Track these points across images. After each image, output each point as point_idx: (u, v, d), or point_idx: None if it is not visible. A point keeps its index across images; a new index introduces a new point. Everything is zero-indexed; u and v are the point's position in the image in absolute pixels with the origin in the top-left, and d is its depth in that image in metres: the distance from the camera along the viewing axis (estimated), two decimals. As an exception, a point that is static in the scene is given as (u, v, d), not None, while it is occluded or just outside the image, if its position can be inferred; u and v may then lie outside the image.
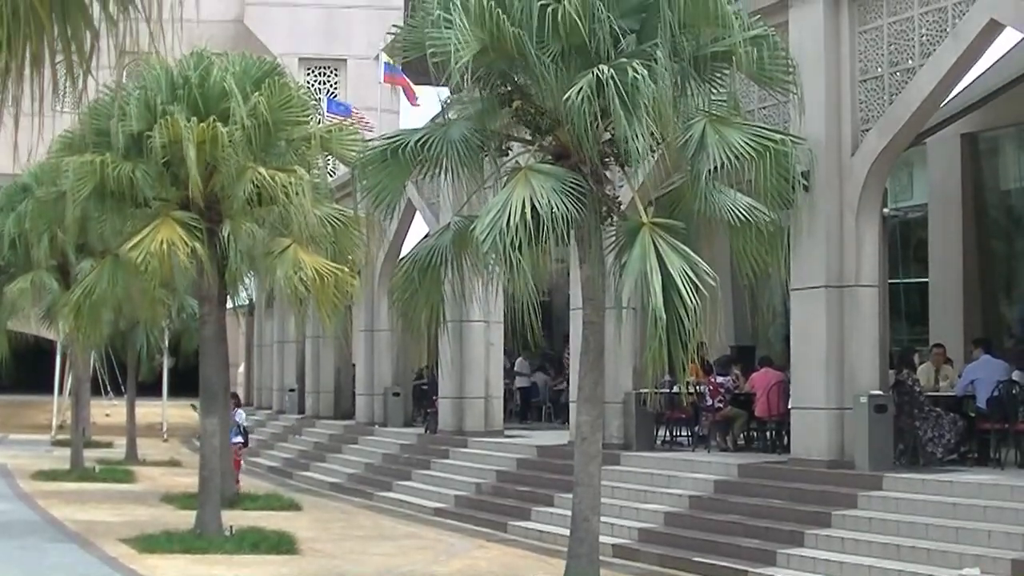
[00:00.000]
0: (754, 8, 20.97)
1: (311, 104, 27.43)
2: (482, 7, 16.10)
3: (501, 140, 17.92)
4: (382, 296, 39.56)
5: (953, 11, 20.87)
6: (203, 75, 25.16)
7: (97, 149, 24.89)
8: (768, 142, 17.21)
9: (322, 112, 36.25)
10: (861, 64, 22.32)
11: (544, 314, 18.57)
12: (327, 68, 68.67)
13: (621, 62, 15.88)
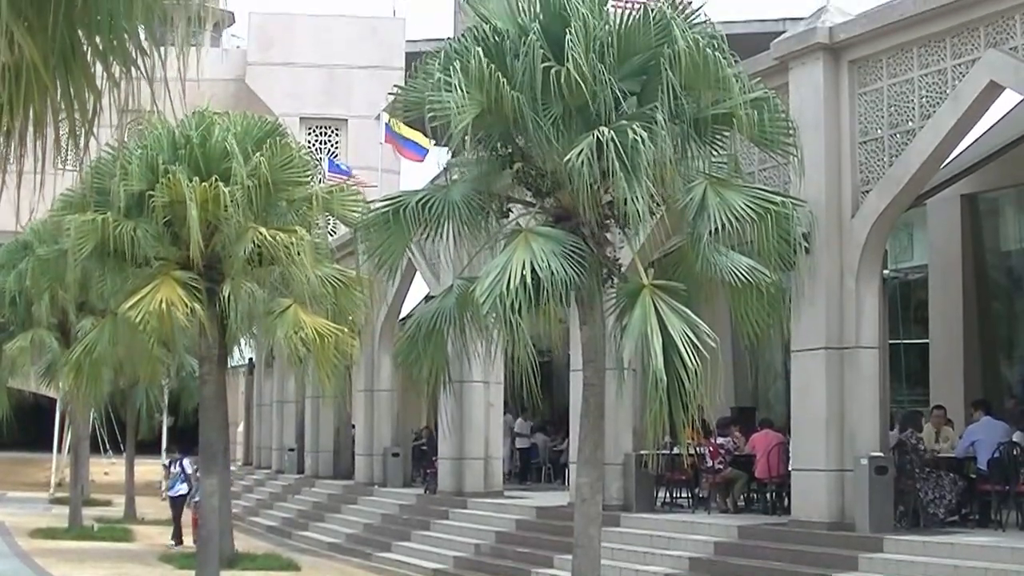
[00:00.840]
0: (754, 70, 21.06)
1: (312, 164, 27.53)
2: (482, 70, 16.19)
3: (502, 202, 17.97)
4: (382, 356, 39.54)
5: (952, 73, 20.94)
6: (205, 135, 25.26)
7: (98, 208, 24.94)
8: (769, 204, 17.26)
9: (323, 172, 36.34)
10: (861, 126, 22.37)
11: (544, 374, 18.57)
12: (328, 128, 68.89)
13: (621, 124, 15.94)
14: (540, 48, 16.44)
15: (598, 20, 16.83)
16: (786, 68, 23.09)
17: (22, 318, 38.97)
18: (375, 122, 49.82)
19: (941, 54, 21.17)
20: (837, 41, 22.41)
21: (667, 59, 16.27)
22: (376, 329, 39.00)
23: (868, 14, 22.77)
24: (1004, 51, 20.08)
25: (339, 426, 47.14)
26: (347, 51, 67.30)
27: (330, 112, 68.31)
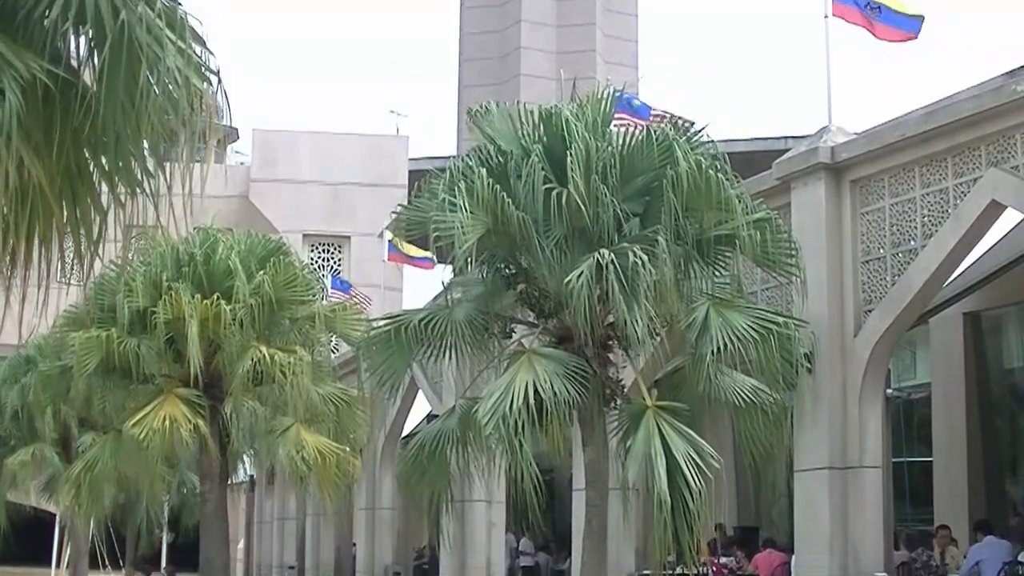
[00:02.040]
0: (757, 190, 21.15)
1: (315, 283, 27.59)
2: (486, 190, 16.29)
3: (505, 322, 18.02)
4: (384, 474, 39.38)
5: (954, 192, 21.03)
6: (208, 252, 25.33)
7: (102, 324, 24.97)
8: (771, 325, 17.29)
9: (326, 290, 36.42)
10: (863, 245, 22.42)
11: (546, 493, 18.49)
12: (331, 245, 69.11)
13: (622, 247, 16.02)
14: (542, 170, 16.57)
15: (600, 142, 16.96)
16: (788, 188, 23.19)
17: (24, 432, 38.87)
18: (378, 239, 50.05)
19: (943, 173, 21.27)
20: (839, 161, 22.51)
21: (670, 180, 16.37)
22: (378, 447, 38.87)
23: (869, 134, 22.91)
24: (1005, 170, 20.17)
25: (340, 544, 46.86)
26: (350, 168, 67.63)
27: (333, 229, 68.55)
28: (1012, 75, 22.96)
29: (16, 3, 9.28)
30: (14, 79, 8.86)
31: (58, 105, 9.29)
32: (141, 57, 9.01)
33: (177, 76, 9.21)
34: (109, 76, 9.18)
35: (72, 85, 9.33)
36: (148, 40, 9.09)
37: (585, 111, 17.55)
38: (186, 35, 9.52)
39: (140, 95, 9.04)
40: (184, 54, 9.37)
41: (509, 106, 18.19)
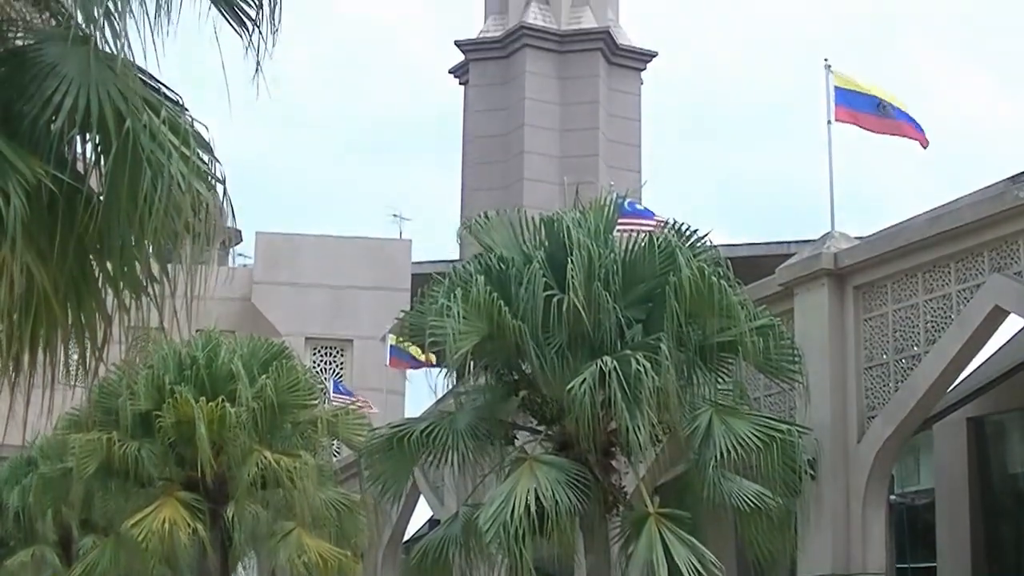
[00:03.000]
0: (760, 296, 21.17)
1: (318, 387, 27.60)
2: (484, 297, 16.33)
3: (507, 429, 17.99)
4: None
5: (958, 297, 21.05)
6: (211, 356, 25.35)
7: (103, 427, 24.94)
8: (775, 432, 17.27)
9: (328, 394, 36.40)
10: (866, 351, 22.41)
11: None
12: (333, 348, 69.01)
13: (625, 354, 16.05)
14: (543, 276, 16.63)
15: (603, 248, 17.02)
16: (791, 294, 23.20)
17: (24, 533, 38.65)
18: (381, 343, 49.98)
19: (946, 279, 21.30)
20: (842, 267, 22.53)
21: (672, 287, 16.41)
22: (379, 552, 38.59)
23: (872, 240, 22.97)
24: (1008, 276, 20.21)
25: (341, 649, 46.38)
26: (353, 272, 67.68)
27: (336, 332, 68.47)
28: (1014, 181, 23.06)
29: (22, 109, 9.35)
30: (19, 184, 8.91)
31: (63, 210, 9.33)
32: (146, 164, 9.07)
33: (181, 183, 9.26)
34: (114, 183, 9.23)
35: (77, 191, 9.37)
36: (153, 147, 9.14)
37: (588, 218, 17.66)
38: (191, 142, 9.57)
39: (144, 201, 9.07)
40: (189, 161, 9.42)
41: (510, 213, 18.28)
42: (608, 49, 49.95)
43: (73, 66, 9.21)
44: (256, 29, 9.74)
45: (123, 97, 9.10)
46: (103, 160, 9.34)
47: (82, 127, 9.33)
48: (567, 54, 50.16)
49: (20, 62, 9.58)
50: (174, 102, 9.77)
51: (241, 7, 9.85)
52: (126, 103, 9.09)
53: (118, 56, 9.10)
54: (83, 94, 9.07)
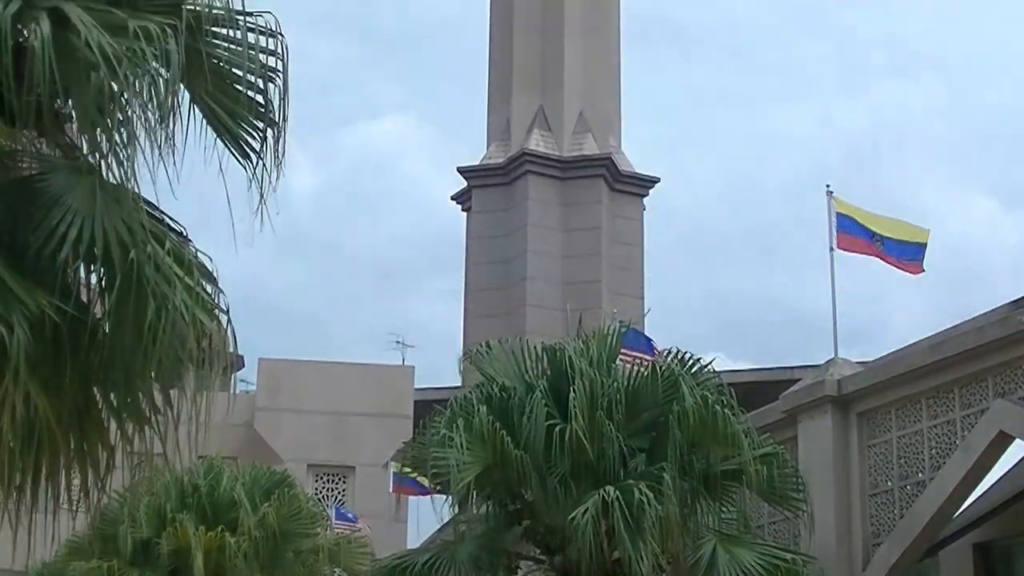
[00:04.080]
0: (763, 423, 21.13)
1: (320, 515, 27.51)
2: (486, 427, 16.33)
3: (510, 559, 17.88)
4: None
5: (962, 423, 20.98)
6: (213, 483, 25.29)
7: (103, 555, 24.79)
8: (779, 561, 17.19)
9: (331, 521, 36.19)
10: (871, 478, 22.30)
11: None
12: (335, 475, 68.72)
13: (628, 483, 16.03)
14: (546, 406, 16.65)
15: (606, 378, 17.05)
16: (795, 421, 23.12)
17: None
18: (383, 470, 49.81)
19: (949, 405, 21.25)
20: (845, 393, 22.48)
21: (675, 416, 16.43)
22: None
23: (875, 366, 22.95)
24: (1013, 401, 20.16)
25: None
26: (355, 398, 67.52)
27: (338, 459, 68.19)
28: (1017, 305, 23.08)
29: (27, 239, 9.38)
30: (23, 315, 8.91)
31: (66, 341, 9.34)
32: (150, 296, 9.08)
33: (186, 315, 9.28)
34: (118, 314, 9.25)
35: (81, 321, 9.38)
36: (158, 279, 9.17)
37: (591, 347, 17.70)
38: (195, 273, 9.61)
39: (149, 332, 9.08)
40: (193, 293, 9.46)
41: (512, 342, 18.33)
42: (610, 175, 50.19)
43: (79, 197, 9.26)
44: (260, 161, 9.81)
45: (128, 229, 9.14)
46: (108, 291, 9.36)
47: (87, 258, 9.37)
48: (569, 180, 50.41)
49: (26, 192, 9.63)
50: (178, 233, 9.82)
51: (246, 140, 9.93)
52: (131, 235, 9.13)
53: (124, 188, 9.15)
54: (88, 225, 9.11)
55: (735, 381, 18.47)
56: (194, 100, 9.66)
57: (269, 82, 9.85)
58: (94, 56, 8.78)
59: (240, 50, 9.68)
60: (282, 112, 9.82)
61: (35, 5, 9.12)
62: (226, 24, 9.70)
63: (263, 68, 9.80)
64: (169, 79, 9.13)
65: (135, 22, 8.97)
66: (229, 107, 9.84)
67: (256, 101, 9.90)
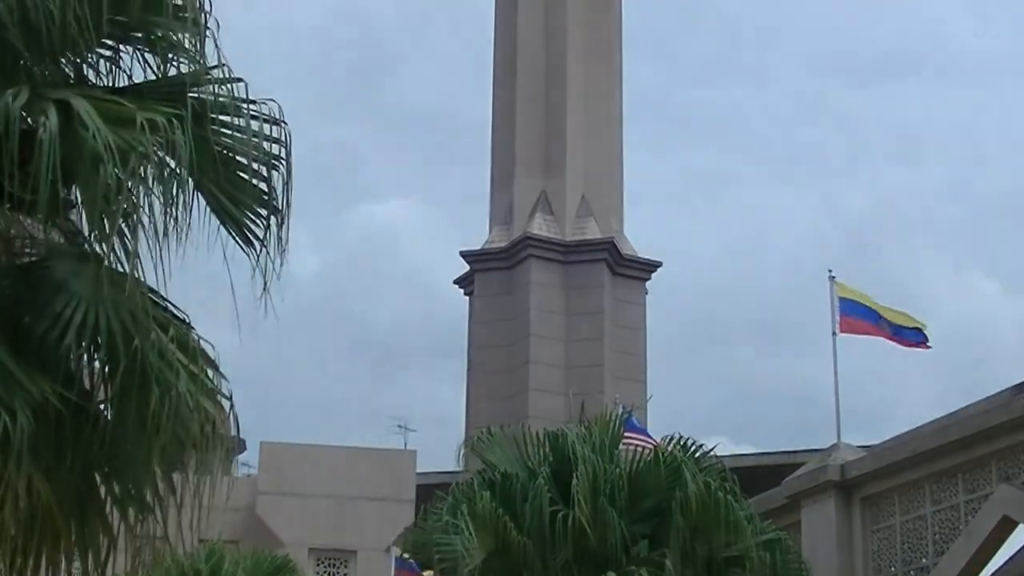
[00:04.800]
0: (766, 508, 21.10)
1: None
2: (489, 514, 16.31)
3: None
4: None
5: (965, 508, 20.94)
6: (215, 568, 25.23)
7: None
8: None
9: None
10: (875, 563, 22.24)
11: None
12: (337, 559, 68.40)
13: (630, 569, 16.03)
14: (548, 492, 16.65)
15: (608, 464, 17.06)
16: (798, 506, 23.07)
17: None
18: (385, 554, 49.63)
19: (953, 489, 21.21)
20: (849, 478, 22.45)
21: (678, 502, 16.44)
22: None
23: (878, 451, 22.95)
24: (1016, 486, 20.14)
25: None
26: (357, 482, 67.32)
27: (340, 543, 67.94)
28: (1020, 389, 23.09)
29: (31, 325, 9.41)
30: (25, 401, 8.93)
31: (69, 428, 9.35)
32: (154, 384, 9.10)
33: (189, 402, 9.29)
34: (121, 401, 9.27)
35: (84, 408, 9.40)
36: (161, 366, 9.19)
37: (593, 433, 17.71)
38: (199, 359, 9.64)
39: (152, 421, 9.09)
40: (197, 380, 9.48)
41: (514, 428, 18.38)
42: (613, 259, 50.25)
43: (83, 284, 9.30)
44: (264, 249, 9.86)
45: (132, 316, 9.17)
46: (111, 378, 9.38)
47: (90, 345, 9.40)
48: (572, 264, 50.48)
49: (29, 277, 9.68)
50: (181, 320, 9.85)
51: (249, 227, 9.99)
52: (135, 323, 9.16)
53: (128, 274, 9.19)
54: (92, 313, 9.14)
55: (738, 466, 18.47)
56: (199, 187, 9.72)
57: (273, 169, 9.93)
58: (101, 148, 8.85)
59: (244, 138, 9.77)
60: (285, 199, 9.89)
61: (43, 96, 9.20)
62: (230, 112, 9.78)
63: (267, 156, 9.89)
64: (175, 169, 9.21)
65: (142, 114, 9.04)
66: (233, 194, 9.91)
67: (260, 188, 9.98)
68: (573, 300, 49.92)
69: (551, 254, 50.35)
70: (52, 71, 10.03)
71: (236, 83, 9.84)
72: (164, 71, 10.14)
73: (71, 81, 10.10)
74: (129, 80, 10.30)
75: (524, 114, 53.01)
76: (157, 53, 10.17)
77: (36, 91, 9.26)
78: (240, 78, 9.84)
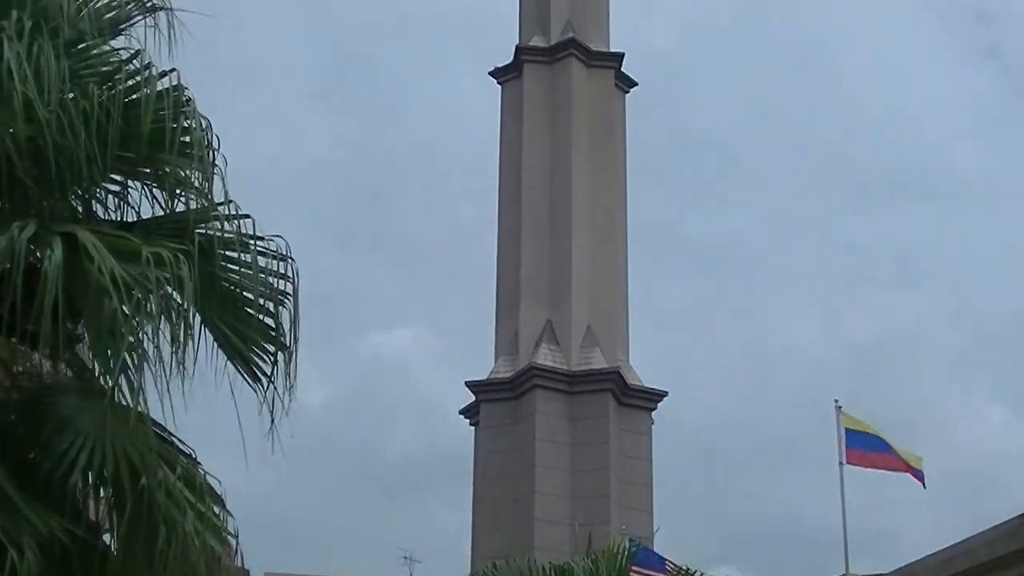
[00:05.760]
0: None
1: None
2: None
3: None
4: None
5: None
6: None
7: None
8: None
9: None
10: None
11: None
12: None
13: None
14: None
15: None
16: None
17: None
18: None
19: None
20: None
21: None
22: None
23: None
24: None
25: None
26: None
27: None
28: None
29: (37, 461, 9.40)
30: (33, 537, 8.90)
31: (77, 564, 9.31)
32: (160, 522, 9.09)
33: (195, 540, 9.27)
34: (128, 540, 9.24)
35: (91, 544, 9.37)
36: (168, 504, 9.18)
37: (599, 565, 17.62)
38: (205, 497, 9.62)
39: (159, 559, 9.06)
40: (203, 517, 9.45)
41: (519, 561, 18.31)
42: (618, 389, 50.18)
43: (89, 420, 9.30)
44: (271, 385, 9.88)
45: (139, 454, 9.17)
46: (118, 515, 9.36)
47: (97, 482, 9.39)
48: (577, 394, 50.39)
49: (36, 412, 9.69)
50: (188, 455, 9.85)
51: (257, 363, 10.01)
52: (142, 460, 9.16)
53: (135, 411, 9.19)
54: (99, 450, 9.14)
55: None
56: (205, 322, 9.76)
57: (280, 305, 9.97)
58: (107, 282, 8.89)
59: (251, 273, 9.82)
60: (293, 334, 9.93)
61: (49, 229, 9.26)
62: (237, 248, 9.85)
63: (274, 292, 9.94)
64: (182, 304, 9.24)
65: (148, 248, 9.10)
66: (240, 330, 9.95)
67: (267, 324, 10.01)
68: (579, 430, 49.72)
69: (556, 384, 50.21)
70: (60, 205, 10.10)
71: (243, 219, 9.91)
72: (171, 206, 10.20)
73: (79, 215, 10.16)
74: (136, 215, 10.37)
75: (529, 243, 53.16)
76: (164, 188, 10.24)
77: (43, 224, 9.32)
78: (247, 214, 9.92)
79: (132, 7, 10.51)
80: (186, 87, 10.04)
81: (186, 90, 10.03)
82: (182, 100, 9.98)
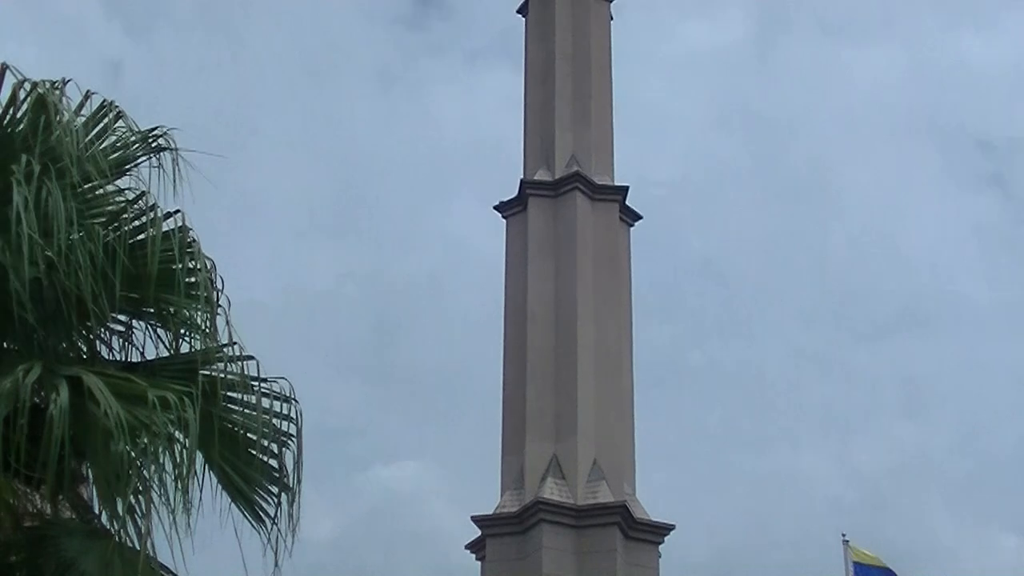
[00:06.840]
0: None
1: None
2: None
3: None
4: None
5: None
6: None
7: None
8: None
9: None
10: None
11: None
12: None
13: None
14: None
15: None
16: None
17: None
18: None
19: None
20: None
21: None
22: None
23: None
24: None
25: None
26: None
27: None
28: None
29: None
30: None
31: None
32: None
33: None
34: None
35: None
36: None
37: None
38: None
39: None
40: None
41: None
42: (625, 523, 49.87)
43: (93, 562, 9.27)
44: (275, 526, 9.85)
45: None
46: None
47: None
48: (584, 528, 50.07)
49: (40, 554, 9.64)
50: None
51: (260, 505, 9.99)
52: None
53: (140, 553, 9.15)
54: (102, 597, 9.10)
55: None
56: (209, 464, 9.74)
57: (284, 447, 9.96)
58: (112, 426, 8.89)
59: (255, 415, 9.82)
60: (296, 476, 9.90)
61: (55, 372, 9.26)
62: (241, 390, 9.85)
63: (278, 433, 9.93)
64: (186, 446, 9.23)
65: (153, 391, 9.11)
66: (244, 472, 9.94)
67: (271, 465, 9.99)
68: (585, 565, 49.26)
69: (563, 519, 49.83)
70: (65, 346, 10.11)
71: (247, 360, 9.93)
72: (176, 347, 10.22)
73: (84, 356, 10.17)
74: (141, 355, 10.38)
75: (534, 377, 52.96)
76: (169, 329, 10.27)
77: (48, 367, 9.32)
78: (251, 356, 9.95)
79: (138, 148, 10.59)
80: (190, 228, 10.10)
81: (191, 231, 10.09)
82: (187, 241, 10.03)
